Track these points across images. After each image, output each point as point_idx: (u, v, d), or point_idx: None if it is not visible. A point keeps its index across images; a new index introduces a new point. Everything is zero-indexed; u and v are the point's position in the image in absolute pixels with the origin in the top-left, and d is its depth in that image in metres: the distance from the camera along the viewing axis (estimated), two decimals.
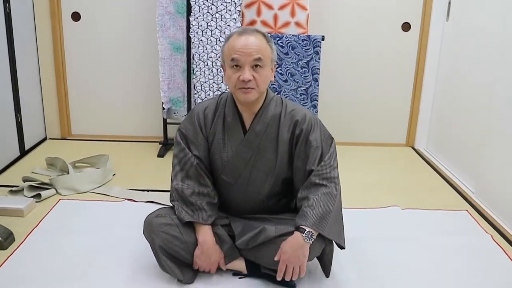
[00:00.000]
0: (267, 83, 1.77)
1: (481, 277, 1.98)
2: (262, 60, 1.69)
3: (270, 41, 1.76)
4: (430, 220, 2.47)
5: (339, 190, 1.79)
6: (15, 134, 3.17)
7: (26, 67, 3.29)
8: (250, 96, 1.73)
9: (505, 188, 2.47)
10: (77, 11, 3.47)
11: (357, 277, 1.94)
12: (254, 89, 1.72)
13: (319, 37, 2.94)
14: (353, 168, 3.21)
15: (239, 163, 1.85)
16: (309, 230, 1.67)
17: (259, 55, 1.68)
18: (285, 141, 1.82)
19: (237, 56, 1.68)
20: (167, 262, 1.80)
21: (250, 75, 1.69)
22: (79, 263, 1.97)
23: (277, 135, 1.82)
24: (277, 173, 1.86)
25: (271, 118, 1.82)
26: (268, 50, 1.73)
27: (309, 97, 2.97)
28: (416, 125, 3.69)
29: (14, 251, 2.05)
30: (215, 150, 1.86)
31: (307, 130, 1.82)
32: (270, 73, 1.77)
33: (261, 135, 1.82)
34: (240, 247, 1.84)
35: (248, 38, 1.69)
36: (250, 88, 1.71)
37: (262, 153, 1.83)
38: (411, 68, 3.58)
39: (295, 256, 1.68)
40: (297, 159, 1.82)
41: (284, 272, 1.72)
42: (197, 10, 2.98)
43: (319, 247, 1.77)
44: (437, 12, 3.41)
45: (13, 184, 2.74)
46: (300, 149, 1.81)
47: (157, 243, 1.79)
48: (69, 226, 2.29)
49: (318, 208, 1.70)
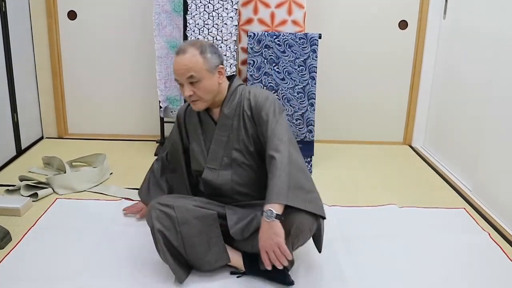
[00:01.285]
0: (212, 90, 1.89)
1: (478, 275, 1.98)
2: (195, 76, 1.83)
3: (205, 51, 1.84)
4: (428, 218, 2.47)
5: (289, 157, 1.76)
6: (11, 133, 3.16)
7: (22, 66, 3.28)
8: (197, 106, 1.92)
9: (503, 185, 2.48)
10: (73, 9, 3.46)
11: (354, 275, 1.95)
12: (198, 101, 1.89)
13: (316, 35, 2.94)
14: (350, 167, 3.21)
15: (219, 147, 1.95)
16: (267, 209, 1.67)
17: (190, 73, 1.82)
18: (249, 119, 1.92)
19: (175, 76, 1.87)
20: (165, 251, 1.82)
21: (189, 91, 1.85)
22: (76, 262, 1.97)
23: (242, 115, 1.92)
24: (254, 150, 1.93)
25: (237, 103, 1.94)
26: (200, 63, 1.83)
27: (306, 96, 2.97)
28: (413, 123, 3.69)
29: (11, 251, 2.05)
30: (196, 145, 2.02)
31: (260, 106, 1.89)
32: (215, 79, 1.89)
33: (231, 117, 1.94)
34: (236, 238, 1.86)
35: (180, 58, 1.84)
36: (194, 100, 1.89)
37: (236, 133, 1.93)
38: (408, 66, 3.58)
39: (268, 238, 1.66)
40: (260, 135, 1.90)
41: (278, 267, 1.70)
42: (193, 9, 2.97)
43: (300, 223, 1.74)
44: (434, 10, 3.41)
45: (9, 183, 2.73)
46: (258, 125, 1.90)
47: (156, 227, 1.81)
48: (66, 225, 2.28)
49: (272, 184, 1.71)
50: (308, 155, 3.07)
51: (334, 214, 2.46)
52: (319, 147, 3.37)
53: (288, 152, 1.77)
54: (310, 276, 1.93)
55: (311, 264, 2.00)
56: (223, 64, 1.92)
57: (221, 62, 1.91)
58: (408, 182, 2.98)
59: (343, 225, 2.36)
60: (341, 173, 3.09)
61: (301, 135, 3.03)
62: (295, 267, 1.97)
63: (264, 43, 2.96)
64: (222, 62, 1.92)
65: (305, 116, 3.01)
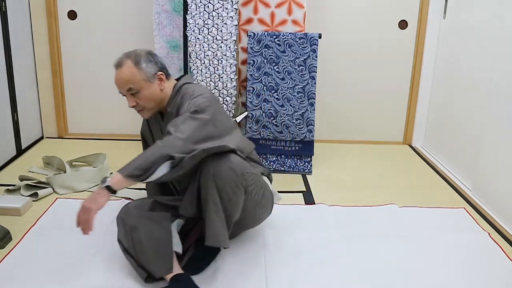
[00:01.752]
0: (153, 98, 1.96)
1: (478, 274, 1.98)
2: (133, 88, 1.91)
3: (140, 62, 1.91)
4: (428, 218, 2.47)
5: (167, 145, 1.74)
6: (11, 133, 3.16)
7: (22, 66, 3.28)
8: (144, 115, 2.03)
9: (503, 185, 2.48)
10: (73, 9, 3.46)
11: (354, 275, 1.95)
12: (143, 110, 1.98)
13: (316, 35, 2.94)
14: (350, 166, 3.21)
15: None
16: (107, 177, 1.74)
17: (128, 86, 1.91)
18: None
19: (118, 89, 1.97)
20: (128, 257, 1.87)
21: (131, 102, 1.95)
22: (77, 262, 1.97)
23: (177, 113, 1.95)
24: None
25: (179, 102, 1.98)
26: (137, 75, 1.90)
27: (306, 95, 2.97)
28: (413, 123, 3.69)
29: (11, 250, 2.05)
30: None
31: (184, 104, 1.93)
32: (155, 87, 1.95)
33: (173, 114, 1.97)
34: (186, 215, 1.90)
35: (118, 72, 1.93)
36: (139, 110, 1.98)
37: None
38: (408, 66, 3.59)
39: (88, 200, 1.68)
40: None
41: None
42: (193, 9, 2.97)
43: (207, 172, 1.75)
44: (434, 9, 3.41)
45: (10, 183, 2.73)
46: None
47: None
48: (66, 225, 2.28)
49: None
50: (308, 155, 3.08)
51: (334, 214, 2.47)
52: (319, 147, 3.37)
53: (173, 142, 1.74)
54: (310, 276, 1.93)
55: (311, 264, 2.00)
56: (163, 70, 1.96)
57: (160, 69, 1.95)
58: (408, 182, 2.98)
59: (343, 225, 2.36)
60: (341, 173, 3.09)
61: (301, 135, 3.03)
62: (295, 267, 1.97)
63: (264, 43, 2.96)
64: (161, 68, 1.96)
65: (305, 116, 3.01)
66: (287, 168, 3.09)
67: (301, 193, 2.76)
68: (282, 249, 2.12)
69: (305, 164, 3.09)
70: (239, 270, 1.95)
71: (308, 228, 2.32)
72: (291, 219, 2.40)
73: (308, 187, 2.86)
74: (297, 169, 3.09)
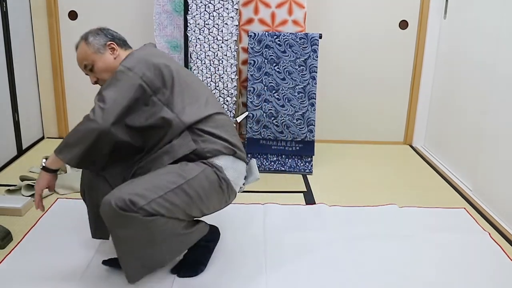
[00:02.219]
0: (108, 68, 1.87)
1: (479, 275, 1.98)
2: (87, 64, 1.87)
3: (88, 37, 1.87)
4: (428, 218, 2.47)
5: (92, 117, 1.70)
6: (12, 133, 3.17)
7: (23, 66, 3.28)
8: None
9: (503, 185, 2.48)
10: (74, 9, 3.46)
11: (354, 275, 1.95)
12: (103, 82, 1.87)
13: (317, 35, 2.94)
14: (351, 166, 3.21)
15: None
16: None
17: (83, 63, 1.88)
18: None
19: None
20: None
21: (92, 79, 1.92)
22: (77, 262, 1.97)
23: None
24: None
25: None
26: (86, 49, 1.86)
27: (307, 95, 2.97)
28: (414, 123, 3.69)
29: (12, 250, 2.05)
30: None
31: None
32: (108, 57, 1.87)
33: None
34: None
35: (76, 54, 1.90)
36: (101, 85, 1.88)
37: None
38: (409, 66, 3.58)
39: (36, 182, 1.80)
40: None
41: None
42: (194, 9, 2.97)
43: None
44: (434, 10, 3.41)
45: (10, 183, 2.73)
46: None
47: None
48: (67, 225, 2.28)
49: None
50: (309, 155, 3.08)
51: (334, 214, 2.47)
52: (320, 147, 3.37)
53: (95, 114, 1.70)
54: (310, 275, 1.93)
55: (311, 264, 2.00)
56: (114, 40, 1.90)
57: (111, 39, 1.89)
58: (409, 182, 2.98)
59: (343, 225, 2.36)
60: (342, 173, 3.09)
61: (302, 135, 3.04)
62: (295, 267, 1.97)
63: (264, 43, 2.96)
64: (112, 38, 1.89)
65: (306, 116, 3.01)
66: (288, 168, 3.09)
67: (301, 193, 2.76)
68: (282, 249, 2.12)
69: (305, 164, 3.09)
70: (239, 270, 1.95)
71: (308, 228, 2.32)
72: (291, 219, 2.40)
73: (308, 187, 2.86)
74: (298, 169, 3.09)
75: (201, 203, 1.74)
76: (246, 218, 2.39)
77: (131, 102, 1.71)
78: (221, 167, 1.76)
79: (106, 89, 1.72)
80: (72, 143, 1.70)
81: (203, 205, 1.75)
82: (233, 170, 1.81)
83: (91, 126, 1.67)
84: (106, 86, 1.73)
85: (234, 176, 1.81)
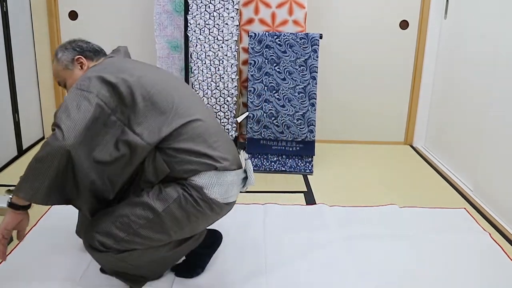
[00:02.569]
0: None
1: (479, 275, 1.98)
2: (60, 81, 1.84)
3: (57, 54, 1.82)
4: (428, 218, 2.47)
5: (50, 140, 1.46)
6: (12, 133, 3.17)
7: (23, 67, 3.28)
8: None
9: (503, 186, 2.47)
10: (74, 9, 3.46)
11: (354, 275, 1.94)
12: None
13: (317, 35, 2.94)
14: (351, 166, 3.21)
15: None
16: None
17: (57, 80, 1.84)
18: None
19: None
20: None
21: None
22: (77, 263, 1.97)
23: None
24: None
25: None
26: (56, 67, 1.82)
27: (307, 96, 2.97)
28: (414, 123, 3.69)
29: (12, 251, 2.05)
30: None
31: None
32: (77, 72, 1.79)
33: None
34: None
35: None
36: None
37: None
38: (409, 66, 3.58)
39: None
40: None
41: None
42: (194, 9, 2.97)
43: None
44: (435, 10, 3.41)
45: (10, 183, 2.73)
46: None
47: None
48: (66, 226, 2.27)
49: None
50: (309, 155, 3.07)
51: (335, 214, 2.46)
52: (320, 147, 3.37)
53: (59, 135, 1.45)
54: (310, 275, 1.93)
55: (312, 264, 2.00)
56: (83, 53, 1.83)
57: (79, 53, 1.82)
58: (409, 182, 2.98)
59: (344, 225, 2.36)
60: (342, 173, 3.09)
61: (302, 135, 3.03)
62: (295, 267, 1.97)
63: (265, 43, 2.96)
64: (80, 52, 1.82)
65: (306, 116, 3.01)
66: (288, 169, 3.09)
67: (302, 193, 2.76)
68: (282, 249, 2.12)
69: (306, 164, 3.09)
70: (239, 270, 1.95)
71: (308, 228, 2.32)
72: (292, 219, 2.40)
73: (309, 187, 2.86)
74: (298, 169, 3.08)
75: (181, 230, 1.64)
76: (246, 218, 2.39)
77: (89, 122, 1.48)
78: (201, 187, 1.60)
79: (62, 111, 1.50)
80: (32, 175, 1.48)
81: (185, 229, 1.65)
82: (218, 186, 1.62)
83: (53, 145, 1.43)
84: (62, 109, 1.51)
85: (220, 193, 1.63)
